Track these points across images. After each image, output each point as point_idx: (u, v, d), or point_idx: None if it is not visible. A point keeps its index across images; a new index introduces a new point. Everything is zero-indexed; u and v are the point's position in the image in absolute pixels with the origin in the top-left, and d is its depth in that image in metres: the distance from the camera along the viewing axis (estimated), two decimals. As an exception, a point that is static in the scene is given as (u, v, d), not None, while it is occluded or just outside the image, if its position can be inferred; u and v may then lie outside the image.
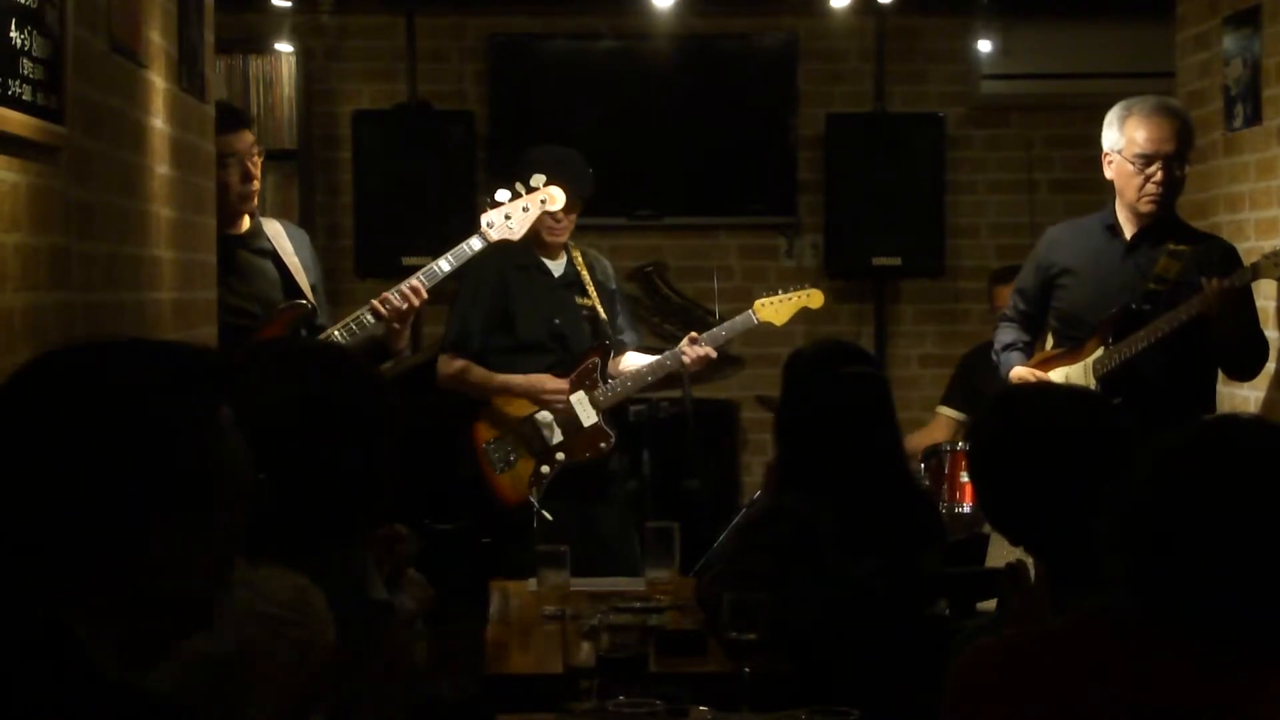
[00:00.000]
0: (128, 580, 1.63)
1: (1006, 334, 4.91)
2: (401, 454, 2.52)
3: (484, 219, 4.90)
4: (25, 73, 2.92)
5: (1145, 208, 4.63)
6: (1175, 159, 4.60)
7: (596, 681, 2.88)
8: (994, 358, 4.94)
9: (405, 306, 4.75)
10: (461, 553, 5.34)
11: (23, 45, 2.90)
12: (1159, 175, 4.60)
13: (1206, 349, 4.60)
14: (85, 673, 1.57)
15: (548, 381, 5.14)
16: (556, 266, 5.25)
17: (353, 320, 4.74)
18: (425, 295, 4.79)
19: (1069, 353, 4.72)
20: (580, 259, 5.32)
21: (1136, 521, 1.90)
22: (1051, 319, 4.86)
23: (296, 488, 2.40)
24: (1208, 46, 5.53)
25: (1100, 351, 4.61)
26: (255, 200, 4.76)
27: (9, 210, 2.91)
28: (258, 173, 4.72)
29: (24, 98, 2.92)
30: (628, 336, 5.44)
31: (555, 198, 4.97)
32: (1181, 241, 4.65)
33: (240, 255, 4.73)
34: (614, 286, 5.46)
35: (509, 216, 4.89)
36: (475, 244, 4.88)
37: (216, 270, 4.63)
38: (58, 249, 3.17)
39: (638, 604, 3.74)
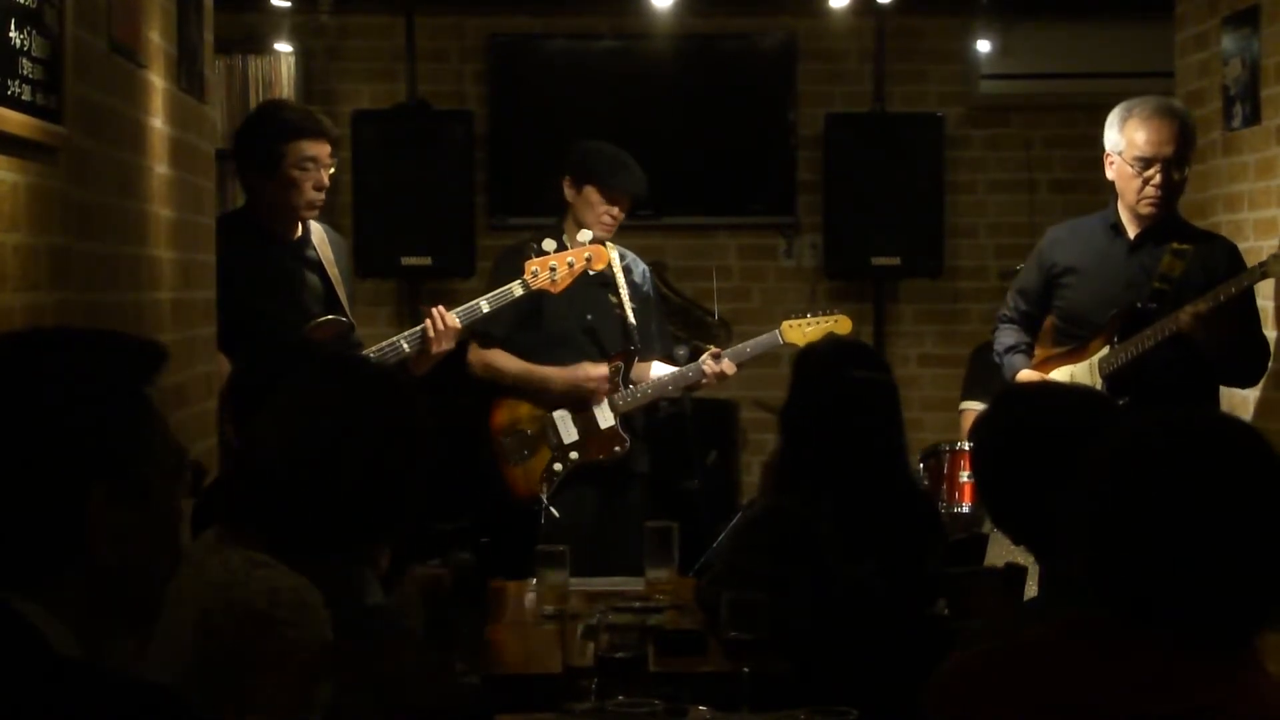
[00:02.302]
0: (73, 562, 1.66)
1: (1008, 336, 4.90)
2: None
3: (529, 266, 4.91)
4: (25, 73, 2.92)
5: (1145, 210, 4.64)
6: (1175, 162, 4.61)
7: (595, 681, 2.88)
8: (996, 360, 4.94)
9: (443, 328, 4.74)
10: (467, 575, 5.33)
11: (22, 45, 2.90)
12: (1158, 178, 4.60)
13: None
14: (42, 654, 1.59)
15: (590, 369, 5.17)
16: None
17: (388, 345, 4.74)
18: (459, 328, 4.79)
19: (1073, 351, 4.72)
20: (617, 261, 5.32)
21: (1093, 522, 1.90)
22: (1054, 317, 4.86)
23: (313, 495, 2.40)
24: (1206, 46, 5.53)
25: (1105, 350, 4.61)
26: (319, 210, 4.73)
27: (8, 210, 2.91)
28: (329, 183, 4.69)
29: (23, 98, 2.91)
30: (659, 344, 5.45)
31: (602, 256, 5.00)
32: (1185, 240, 4.66)
33: (288, 264, 4.67)
34: (649, 291, 5.47)
35: (554, 269, 4.90)
36: (517, 290, 4.90)
37: (264, 277, 4.60)
38: (57, 249, 3.17)
39: (637, 604, 3.74)
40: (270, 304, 4.59)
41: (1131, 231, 4.71)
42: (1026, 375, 4.71)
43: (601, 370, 5.19)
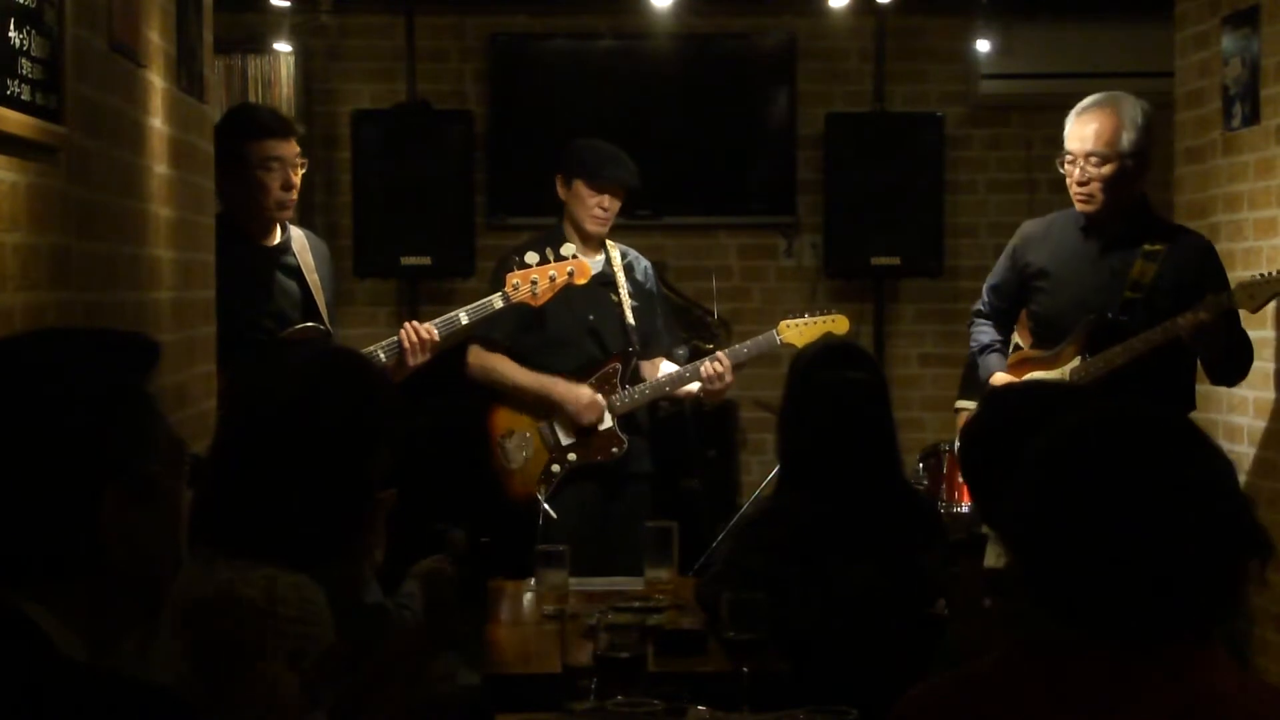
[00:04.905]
0: (80, 561, 1.65)
1: (983, 333, 4.88)
2: (409, 453, 2.52)
3: (510, 279, 4.87)
4: (24, 72, 2.92)
5: (1079, 208, 4.64)
6: (1100, 159, 4.57)
7: (595, 681, 2.88)
8: (970, 359, 4.92)
9: (416, 341, 4.72)
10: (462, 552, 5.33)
11: (22, 45, 2.90)
12: (1076, 174, 4.60)
13: (1186, 354, 4.60)
14: (48, 657, 1.59)
15: (584, 397, 5.15)
16: (594, 264, 5.20)
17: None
18: (438, 340, 4.78)
19: (1046, 358, 4.69)
20: (618, 260, 5.31)
21: (1023, 524, 1.88)
22: (1027, 317, 4.86)
23: (301, 492, 2.40)
24: (1206, 46, 5.53)
25: (1077, 361, 4.59)
26: (291, 210, 4.73)
27: (8, 210, 2.91)
28: (298, 182, 4.68)
29: (23, 97, 2.92)
30: (665, 340, 5.43)
31: (585, 269, 4.97)
32: (1157, 239, 4.63)
33: (266, 269, 4.67)
34: (652, 288, 5.45)
35: (535, 282, 4.87)
36: (497, 302, 4.87)
37: (240, 281, 4.59)
38: (57, 249, 3.17)
39: (637, 604, 3.74)
40: (246, 308, 4.60)
41: (1102, 232, 4.67)
42: (1001, 379, 4.68)
43: (596, 404, 5.16)
